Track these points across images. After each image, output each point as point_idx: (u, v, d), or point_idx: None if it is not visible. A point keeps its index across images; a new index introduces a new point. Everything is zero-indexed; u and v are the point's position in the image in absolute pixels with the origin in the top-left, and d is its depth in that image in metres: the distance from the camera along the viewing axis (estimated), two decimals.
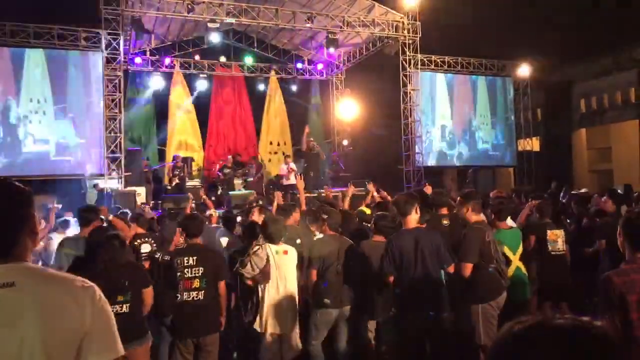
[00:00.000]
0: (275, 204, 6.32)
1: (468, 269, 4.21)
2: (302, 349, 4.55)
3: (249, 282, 4.38)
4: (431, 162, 15.79)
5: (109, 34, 12.15)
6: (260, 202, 6.89)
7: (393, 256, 4.08)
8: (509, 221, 5.34)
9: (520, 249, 5.06)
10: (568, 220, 7.09)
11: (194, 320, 4.14)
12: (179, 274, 4.16)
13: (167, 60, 15.84)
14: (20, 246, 1.43)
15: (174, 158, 13.91)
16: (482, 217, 4.71)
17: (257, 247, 4.35)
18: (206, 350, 4.22)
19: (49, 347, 1.34)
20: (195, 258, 4.20)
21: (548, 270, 5.33)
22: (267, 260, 4.29)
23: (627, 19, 15.45)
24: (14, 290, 1.35)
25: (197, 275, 4.18)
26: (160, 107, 16.13)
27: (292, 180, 13.87)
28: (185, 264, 4.18)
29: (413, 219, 4.19)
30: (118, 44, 12.27)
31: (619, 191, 8.22)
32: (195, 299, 4.16)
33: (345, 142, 17.26)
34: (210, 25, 12.36)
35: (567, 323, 0.85)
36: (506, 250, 4.94)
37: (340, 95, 17.70)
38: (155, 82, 15.80)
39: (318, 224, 4.99)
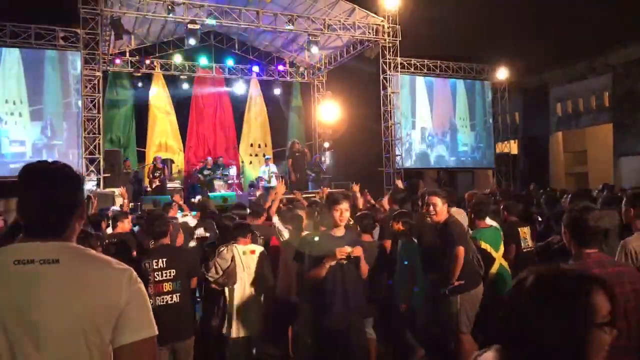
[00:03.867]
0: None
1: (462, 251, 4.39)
2: (271, 350, 4.54)
3: (213, 286, 4.29)
4: (411, 164, 15.95)
5: (88, 33, 12.00)
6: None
7: None
8: (489, 220, 5.44)
9: (502, 247, 5.16)
10: (540, 218, 7.23)
11: (170, 326, 3.76)
12: (148, 278, 3.88)
13: (147, 62, 15.70)
14: (70, 228, 1.56)
15: (154, 159, 13.80)
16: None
17: (223, 248, 4.29)
18: (181, 355, 3.97)
19: (87, 321, 1.45)
20: (165, 260, 3.94)
21: (521, 268, 5.41)
22: (233, 260, 4.21)
23: (602, 24, 15.80)
24: (57, 266, 1.47)
25: (168, 278, 3.93)
26: (140, 108, 15.98)
27: (273, 182, 13.90)
28: (155, 267, 3.91)
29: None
30: (97, 44, 12.14)
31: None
32: (170, 302, 3.90)
33: (326, 145, 17.31)
34: (190, 26, 12.30)
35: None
36: (488, 248, 5.06)
37: (321, 98, 17.76)
38: (135, 83, 15.66)
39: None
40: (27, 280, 1.44)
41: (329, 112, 16.64)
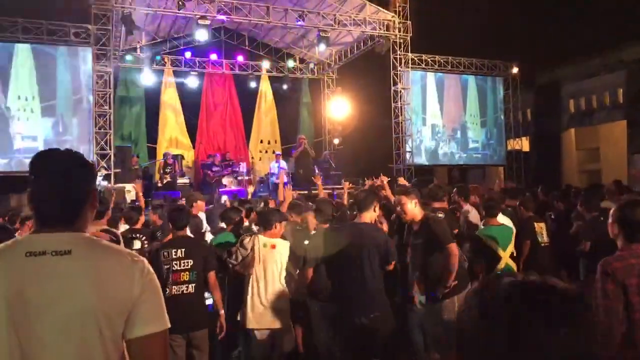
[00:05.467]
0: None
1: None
2: (296, 345, 4.53)
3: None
4: (421, 160, 15.86)
5: (99, 29, 12.05)
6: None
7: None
8: (500, 218, 5.38)
9: (511, 246, 5.10)
10: (552, 216, 7.19)
11: (184, 315, 3.91)
12: (166, 266, 4.01)
13: (158, 57, 15.72)
14: (82, 218, 1.54)
15: (165, 155, 13.83)
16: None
17: (247, 238, 4.36)
18: (196, 345, 4.08)
19: (100, 314, 1.42)
20: (183, 250, 4.08)
21: (539, 261, 5.46)
22: (252, 250, 4.26)
23: (615, 20, 15.58)
24: (70, 257, 1.44)
25: (186, 267, 4.05)
26: (151, 104, 16.01)
27: (283, 179, 13.88)
28: (174, 256, 4.04)
29: (367, 215, 4.09)
30: (108, 40, 12.18)
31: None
32: (185, 292, 4.03)
33: (336, 141, 17.26)
34: (201, 22, 12.30)
35: (534, 280, 0.87)
36: (494, 246, 5.00)
37: (331, 94, 17.70)
38: (146, 79, 15.68)
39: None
40: (39, 272, 1.41)
41: (339, 108, 16.58)
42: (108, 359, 1.44)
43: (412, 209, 4.22)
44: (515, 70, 17.05)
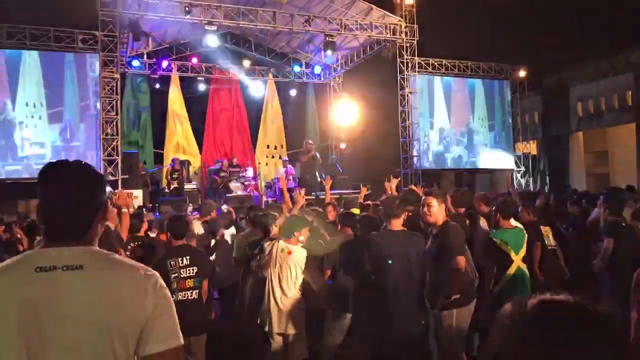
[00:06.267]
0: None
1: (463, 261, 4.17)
2: (307, 352, 4.50)
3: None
4: (429, 164, 15.79)
5: (106, 36, 12.08)
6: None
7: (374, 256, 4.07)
8: (514, 221, 5.32)
9: (523, 249, 5.03)
10: (564, 226, 7.06)
11: (187, 320, 3.95)
12: (174, 275, 4.13)
13: (165, 63, 15.76)
14: (92, 231, 1.50)
15: (172, 161, 13.85)
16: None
17: (268, 241, 4.46)
18: (193, 351, 4.16)
19: (113, 330, 1.37)
20: (188, 258, 4.25)
21: (548, 264, 5.45)
22: (269, 253, 4.35)
23: (623, 22, 15.48)
24: (81, 273, 1.40)
25: (191, 275, 4.23)
26: (157, 110, 16.04)
27: (291, 184, 13.84)
28: (181, 265, 4.21)
29: (399, 222, 4.13)
30: (115, 46, 12.21)
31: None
32: (189, 298, 4.19)
33: (342, 146, 17.21)
34: (207, 27, 12.32)
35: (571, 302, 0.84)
36: (507, 249, 4.94)
37: (337, 99, 17.67)
38: (152, 85, 15.73)
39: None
40: (50, 288, 1.37)
41: (345, 113, 16.54)
42: None
43: (438, 212, 4.17)
44: (522, 73, 16.98)
